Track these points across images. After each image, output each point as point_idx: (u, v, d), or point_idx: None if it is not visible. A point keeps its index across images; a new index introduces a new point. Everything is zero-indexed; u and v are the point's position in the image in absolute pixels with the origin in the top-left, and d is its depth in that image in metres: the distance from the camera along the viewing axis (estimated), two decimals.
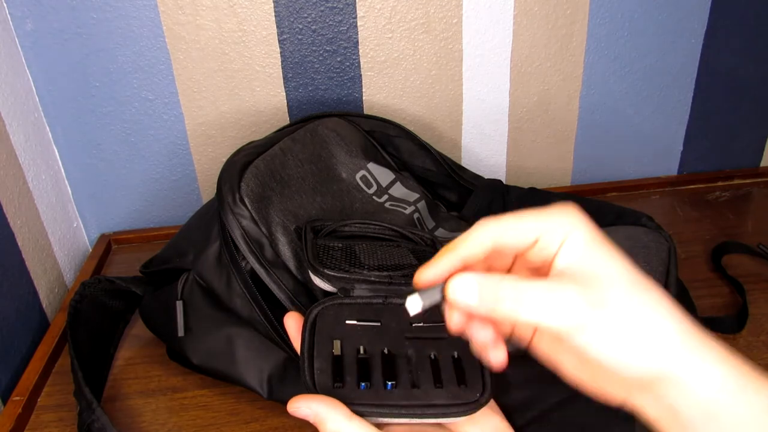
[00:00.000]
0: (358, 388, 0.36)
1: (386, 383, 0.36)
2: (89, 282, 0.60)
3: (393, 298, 0.43)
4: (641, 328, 0.30)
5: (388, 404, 0.35)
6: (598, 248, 0.31)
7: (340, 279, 0.43)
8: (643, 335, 0.30)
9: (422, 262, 0.47)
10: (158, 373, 0.57)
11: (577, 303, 0.30)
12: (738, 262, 0.69)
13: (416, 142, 0.70)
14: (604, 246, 0.31)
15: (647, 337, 0.30)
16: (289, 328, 0.40)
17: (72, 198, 0.78)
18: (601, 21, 0.78)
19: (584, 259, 0.31)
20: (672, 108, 0.86)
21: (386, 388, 0.36)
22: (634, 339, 0.30)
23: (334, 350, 0.38)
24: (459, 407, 0.36)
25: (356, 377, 0.36)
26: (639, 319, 0.30)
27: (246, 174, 0.52)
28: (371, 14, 0.74)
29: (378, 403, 0.35)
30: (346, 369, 0.37)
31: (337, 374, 0.36)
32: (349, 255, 0.47)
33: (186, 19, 0.71)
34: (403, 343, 0.39)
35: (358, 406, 0.34)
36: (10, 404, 0.53)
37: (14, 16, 0.67)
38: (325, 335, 0.39)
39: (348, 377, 0.36)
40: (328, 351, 0.38)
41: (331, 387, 0.36)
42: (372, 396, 0.36)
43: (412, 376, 0.37)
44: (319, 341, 0.39)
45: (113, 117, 0.75)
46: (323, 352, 0.38)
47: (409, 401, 0.36)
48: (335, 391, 0.35)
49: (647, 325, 0.30)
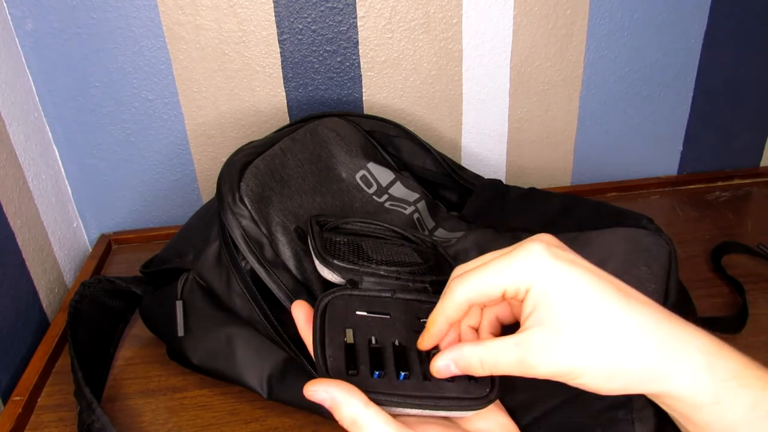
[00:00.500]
0: (371, 377, 0.36)
1: (399, 373, 0.36)
2: (89, 282, 0.60)
3: (401, 293, 0.43)
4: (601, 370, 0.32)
5: (402, 394, 0.35)
6: (557, 297, 0.33)
7: (349, 270, 0.43)
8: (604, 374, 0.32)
9: (427, 262, 0.47)
10: (158, 373, 0.57)
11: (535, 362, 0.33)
12: (738, 262, 0.69)
13: (416, 142, 0.70)
14: (563, 292, 0.33)
15: (608, 376, 0.32)
16: (296, 316, 0.40)
17: (72, 198, 0.78)
18: (601, 21, 0.78)
19: (545, 311, 0.33)
20: (672, 108, 0.86)
21: (399, 379, 0.36)
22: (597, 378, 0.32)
23: (346, 339, 0.38)
24: (470, 401, 0.36)
25: (369, 366, 0.36)
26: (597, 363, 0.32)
27: (246, 174, 0.52)
28: (371, 14, 0.74)
29: (392, 392, 0.35)
30: (360, 357, 0.37)
31: (351, 362, 0.36)
32: (355, 249, 0.47)
33: (186, 19, 0.71)
34: (412, 336, 0.39)
35: (372, 394, 0.34)
36: (10, 404, 0.53)
37: (14, 16, 0.67)
38: (337, 324, 0.39)
39: (361, 365, 0.36)
40: (340, 339, 0.38)
41: (345, 374, 0.35)
42: (386, 385, 0.36)
43: (424, 369, 0.37)
44: (331, 329, 0.38)
45: (113, 117, 0.75)
46: (335, 340, 0.38)
47: (422, 392, 0.36)
48: (349, 378, 0.35)
49: (606, 366, 0.32)
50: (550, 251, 0.33)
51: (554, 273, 0.33)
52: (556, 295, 0.33)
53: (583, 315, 0.32)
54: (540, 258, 0.33)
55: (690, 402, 0.32)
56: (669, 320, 0.33)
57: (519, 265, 0.33)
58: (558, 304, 0.33)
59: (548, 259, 0.33)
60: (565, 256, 0.34)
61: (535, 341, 0.33)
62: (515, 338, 0.34)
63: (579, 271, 0.33)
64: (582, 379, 0.32)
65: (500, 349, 0.34)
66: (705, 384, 0.31)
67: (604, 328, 0.32)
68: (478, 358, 0.35)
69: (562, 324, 0.32)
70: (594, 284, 0.33)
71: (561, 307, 0.33)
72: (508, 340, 0.34)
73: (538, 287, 0.33)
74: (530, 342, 0.33)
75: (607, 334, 0.32)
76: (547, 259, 0.33)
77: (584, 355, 0.32)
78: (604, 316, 0.32)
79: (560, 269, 0.33)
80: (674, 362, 0.31)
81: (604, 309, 0.32)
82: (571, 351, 0.32)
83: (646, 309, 0.33)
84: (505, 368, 0.34)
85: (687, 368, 0.31)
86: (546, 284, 0.33)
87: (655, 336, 0.32)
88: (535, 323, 0.33)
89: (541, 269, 0.33)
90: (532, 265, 0.33)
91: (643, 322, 0.32)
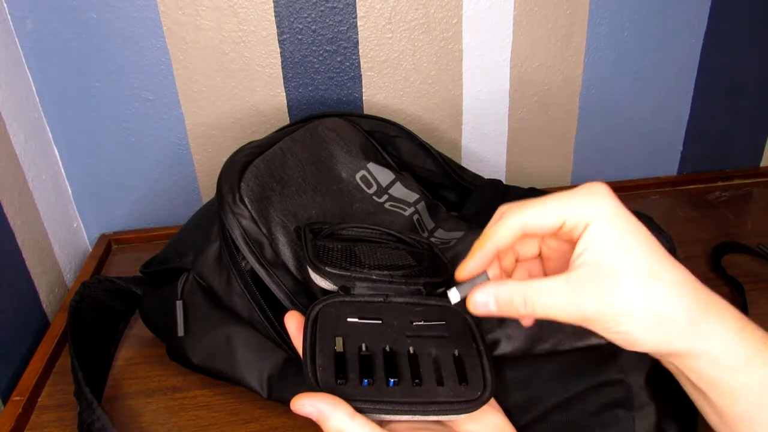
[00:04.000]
0: (360, 385, 0.36)
1: (388, 380, 0.36)
2: (89, 282, 0.60)
3: (394, 296, 0.43)
4: (648, 316, 0.32)
5: (391, 401, 0.35)
6: (617, 237, 0.33)
7: (341, 277, 0.43)
8: (650, 322, 0.32)
9: (421, 264, 0.47)
10: (158, 373, 0.57)
11: (584, 301, 0.33)
12: (738, 262, 0.69)
13: (416, 142, 0.70)
14: (623, 234, 0.33)
15: (653, 324, 0.32)
16: (289, 327, 0.41)
17: (72, 198, 0.78)
18: (601, 21, 0.78)
19: (601, 249, 0.33)
20: (672, 108, 0.86)
21: (388, 385, 0.36)
22: (641, 326, 0.32)
23: (336, 347, 0.38)
24: (461, 404, 0.36)
25: (359, 374, 0.36)
26: (646, 307, 0.32)
27: (246, 174, 0.52)
28: (371, 14, 0.74)
29: (380, 399, 0.35)
30: (349, 366, 0.37)
31: (340, 371, 0.36)
32: (348, 255, 0.47)
33: (186, 19, 0.71)
34: (404, 341, 0.40)
35: (360, 402, 0.34)
36: (10, 404, 0.53)
37: (14, 16, 0.67)
38: (327, 332, 0.39)
39: (351, 374, 0.36)
40: (330, 348, 0.38)
41: (334, 384, 0.36)
42: (375, 393, 0.36)
43: (414, 374, 0.37)
44: (321, 338, 0.39)
45: (113, 117, 0.75)
46: (325, 349, 0.38)
47: (411, 398, 0.36)
48: (338, 387, 0.35)
49: (653, 313, 0.32)
50: (614, 196, 0.34)
51: (617, 215, 0.33)
52: (614, 236, 0.33)
53: (637, 260, 0.33)
54: (606, 199, 0.34)
55: (723, 363, 0.32)
56: (703, 286, 0.34)
57: (584, 200, 0.34)
58: (615, 246, 0.33)
59: (613, 202, 0.34)
60: (624, 206, 0.34)
61: (588, 279, 0.33)
62: (565, 276, 0.33)
63: (635, 222, 0.34)
64: (626, 325, 0.32)
65: (548, 287, 0.34)
66: (738, 346, 0.32)
67: (655, 276, 0.32)
68: (522, 294, 0.34)
69: (616, 265, 0.33)
70: (646, 236, 0.33)
71: (617, 249, 0.33)
72: (557, 278, 0.34)
73: (598, 224, 0.33)
74: (582, 280, 0.33)
75: (658, 282, 0.32)
76: (612, 202, 0.34)
77: (635, 299, 0.32)
78: (655, 265, 0.33)
79: (623, 213, 0.34)
80: (712, 321, 0.32)
81: (655, 259, 0.33)
82: (622, 292, 0.32)
83: (686, 271, 0.34)
84: (551, 307, 0.34)
85: (722, 329, 0.32)
86: (607, 224, 0.33)
87: (696, 294, 0.33)
88: (588, 262, 0.33)
89: (606, 208, 0.33)
90: (598, 202, 0.33)
91: (687, 279, 0.33)
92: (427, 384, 0.37)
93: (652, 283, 0.32)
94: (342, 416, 0.33)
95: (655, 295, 0.32)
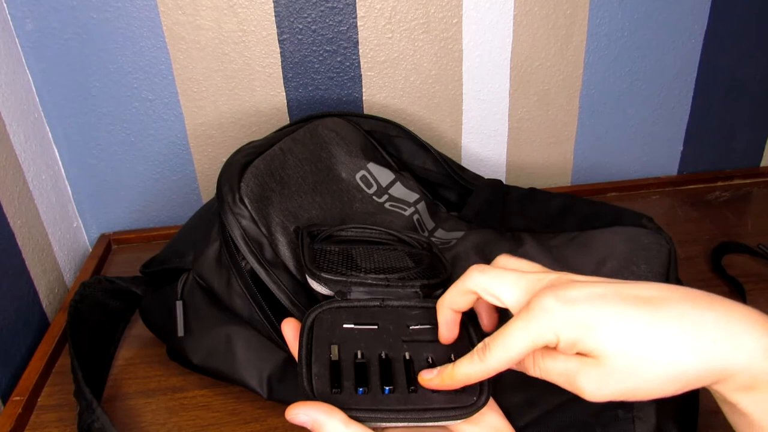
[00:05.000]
0: (356, 394, 0.36)
1: (384, 388, 0.36)
2: (89, 282, 0.60)
3: (390, 300, 0.43)
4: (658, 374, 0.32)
5: (386, 409, 0.35)
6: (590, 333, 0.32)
7: (336, 282, 0.44)
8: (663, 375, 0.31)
9: (419, 264, 0.47)
10: (158, 373, 0.57)
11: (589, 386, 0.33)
12: (738, 262, 0.69)
13: (416, 142, 0.70)
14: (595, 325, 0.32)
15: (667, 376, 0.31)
16: (286, 334, 0.41)
17: (72, 198, 0.78)
18: (601, 21, 0.78)
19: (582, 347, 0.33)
20: (672, 108, 0.86)
21: (384, 393, 0.36)
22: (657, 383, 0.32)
23: (331, 355, 0.38)
24: (456, 410, 0.36)
25: (354, 382, 0.36)
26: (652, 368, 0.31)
27: (246, 174, 0.52)
28: (371, 14, 0.74)
29: (376, 408, 0.35)
30: (344, 374, 0.37)
31: (335, 380, 0.36)
32: (345, 258, 0.47)
33: (186, 19, 0.71)
34: (400, 346, 0.39)
35: (356, 411, 0.34)
36: (10, 404, 0.53)
37: (14, 16, 0.67)
38: (323, 340, 0.39)
39: (346, 382, 0.36)
40: (325, 356, 0.38)
41: (329, 393, 0.36)
42: (370, 401, 0.36)
43: (410, 381, 0.37)
44: (317, 346, 0.39)
45: (113, 117, 0.75)
46: (321, 357, 0.38)
47: (406, 405, 0.36)
48: (333, 396, 0.35)
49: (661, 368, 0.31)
50: (564, 301, 0.33)
51: (577, 320, 0.32)
52: (587, 337, 0.32)
53: (620, 344, 0.31)
54: (557, 313, 0.32)
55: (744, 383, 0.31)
56: (710, 307, 0.31)
57: (541, 326, 0.33)
58: (592, 342, 0.32)
59: (565, 310, 0.32)
60: (583, 295, 0.33)
61: (582, 373, 0.32)
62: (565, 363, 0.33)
63: (600, 305, 0.32)
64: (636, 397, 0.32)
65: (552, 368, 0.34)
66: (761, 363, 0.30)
67: (644, 349, 0.31)
68: None
69: (603, 358, 0.32)
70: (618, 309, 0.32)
71: (594, 344, 0.32)
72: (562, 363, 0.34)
73: (565, 338, 0.32)
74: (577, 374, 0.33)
75: (648, 353, 0.31)
76: (564, 311, 0.32)
77: (633, 380, 0.31)
78: (640, 337, 0.31)
79: (582, 315, 0.32)
80: (728, 350, 0.30)
81: (636, 330, 0.31)
82: (619, 380, 0.32)
83: (682, 307, 0.32)
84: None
85: (741, 353, 0.30)
86: (573, 333, 0.32)
87: (698, 332, 0.31)
88: (576, 358, 0.33)
89: (563, 322, 0.32)
90: (553, 323, 0.32)
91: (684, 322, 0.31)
92: (422, 390, 0.37)
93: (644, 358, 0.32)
94: (336, 424, 0.33)
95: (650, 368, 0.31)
